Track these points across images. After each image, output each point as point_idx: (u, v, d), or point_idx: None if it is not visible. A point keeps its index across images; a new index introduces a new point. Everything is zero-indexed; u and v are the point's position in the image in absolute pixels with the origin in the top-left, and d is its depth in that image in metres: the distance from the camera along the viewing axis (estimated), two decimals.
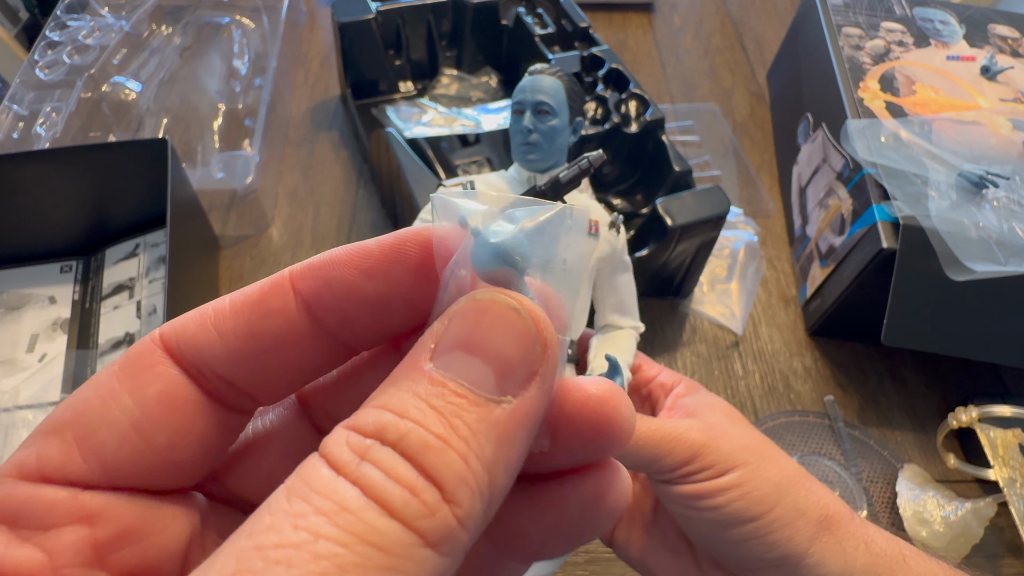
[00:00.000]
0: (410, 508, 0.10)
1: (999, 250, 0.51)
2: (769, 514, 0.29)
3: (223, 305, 0.14)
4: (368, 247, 0.14)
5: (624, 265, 0.38)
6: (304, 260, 0.14)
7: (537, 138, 0.34)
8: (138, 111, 0.75)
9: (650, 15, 0.97)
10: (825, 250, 0.61)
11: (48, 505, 0.12)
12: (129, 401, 0.13)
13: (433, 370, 0.11)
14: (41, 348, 0.56)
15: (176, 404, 0.13)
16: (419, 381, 0.11)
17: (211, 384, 0.14)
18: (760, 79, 0.89)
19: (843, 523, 0.30)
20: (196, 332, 0.14)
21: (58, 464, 0.13)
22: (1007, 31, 0.72)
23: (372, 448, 0.10)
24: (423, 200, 0.54)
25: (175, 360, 0.14)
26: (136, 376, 0.13)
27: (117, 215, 0.61)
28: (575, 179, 0.30)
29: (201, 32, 0.84)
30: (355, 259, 0.14)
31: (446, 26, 0.75)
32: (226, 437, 0.14)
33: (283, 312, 0.14)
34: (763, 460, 0.30)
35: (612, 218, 0.36)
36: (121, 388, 0.13)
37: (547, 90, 0.34)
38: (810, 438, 0.56)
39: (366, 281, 0.13)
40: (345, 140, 0.77)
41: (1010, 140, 0.59)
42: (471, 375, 0.11)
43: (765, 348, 0.62)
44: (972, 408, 0.53)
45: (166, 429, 0.13)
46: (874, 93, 0.63)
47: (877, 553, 0.29)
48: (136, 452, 0.13)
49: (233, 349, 0.13)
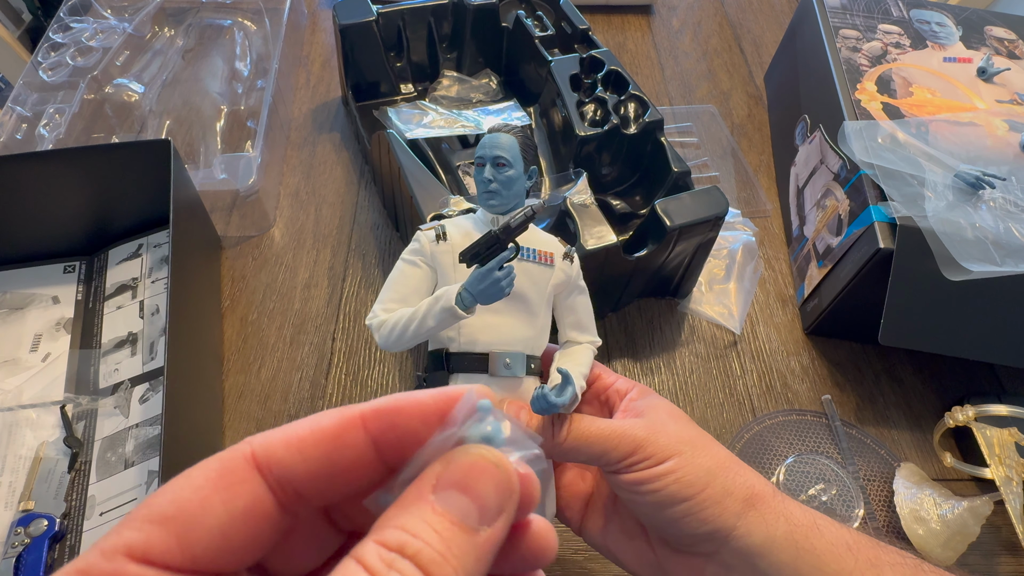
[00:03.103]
0: None
1: (995, 250, 0.51)
2: (700, 495, 0.33)
3: (306, 432, 0.17)
4: (425, 402, 0.17)
5: (580, 288, 0.43)
6: (370, 403, 0.18)
7: (496, 187, 0.40)
8: (141, 112, 0.76)
9: (649, 17, 0.98)
10: (822, 250, 0.61)
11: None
12: (221, 511, 0.16)
13: (435, 501, 0.16)
14: (44, 348, 0.57)
15: (257, 515, 0.17)
16: (425, 510, 0.16)
17: (285, 496, 0.17)
18: (758, 81, 0.89)
19: (766, 500, 0.34)
20: (284, 454, 0.17)
21: (160, 551, 0.16)
22: (1004, 33, 0.72)
23: (396, 560, 0.14)
24: (424, 201, 0.54)
25: (262, 474, 0.17)
26: (229, 488, 0.16)
27: (120, 216, 0.62)
28: (523, 224, 0.35)
29: (203, 34, 0.84)
30: (416, 410, 0.18)
31: (447, 28, 0.76)
32: (280, 533, 0.18)
33: (354, 447, 0.17)
34: (696, 450, 0.35)
35: (566, 249, 0.42)
36: (216, 498, 0.16)
37: (503, 146, 0.40)
38: (807, 437, 0.56)
39: (423, 428, 0.17)
40: (346, 141, 0.77)
41: (1006, 141, 0.60)
42: (461, 509, 0.16)
43: (763, 348, 0.63)
44: (969, 407, 0.53)
45: (245, 535, 0.17)
46: (871, 95, 0.63)
47: (795, 523, 0.33)
48: (219, 551, 0.16)
49: (313, 472, 0.17)
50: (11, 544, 0.46)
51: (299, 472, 0.17)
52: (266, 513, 0.17)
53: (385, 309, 0.40)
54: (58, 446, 0.51)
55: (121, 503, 0.49)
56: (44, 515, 0.47)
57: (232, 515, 0.16)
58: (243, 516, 0.16)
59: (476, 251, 0.36)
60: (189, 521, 0.16)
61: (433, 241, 0.41)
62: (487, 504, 0.16)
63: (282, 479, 0.17)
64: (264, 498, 0.17)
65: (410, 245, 0.42)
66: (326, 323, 0.62)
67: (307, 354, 0.59)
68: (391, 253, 0.67)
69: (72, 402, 0.54)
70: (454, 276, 0.39)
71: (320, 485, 0.17)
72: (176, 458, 0.43)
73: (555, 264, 0.41)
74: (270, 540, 0.17)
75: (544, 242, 0.42)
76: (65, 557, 0.47)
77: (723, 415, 0.58)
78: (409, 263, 0.41)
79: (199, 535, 0.16)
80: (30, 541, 0.46)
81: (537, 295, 0.40)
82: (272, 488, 0.17)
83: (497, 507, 0.16)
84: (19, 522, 0.47)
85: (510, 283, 0.36)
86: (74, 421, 0.53)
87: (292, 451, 0.17)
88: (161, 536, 0.16)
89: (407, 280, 0.41)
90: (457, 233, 0.41)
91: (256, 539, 0.17)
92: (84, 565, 0.15)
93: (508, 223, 0.35)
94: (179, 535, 0.16)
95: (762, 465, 0.54)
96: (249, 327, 0.61)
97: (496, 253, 0.36)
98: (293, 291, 0.64)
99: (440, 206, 0.54)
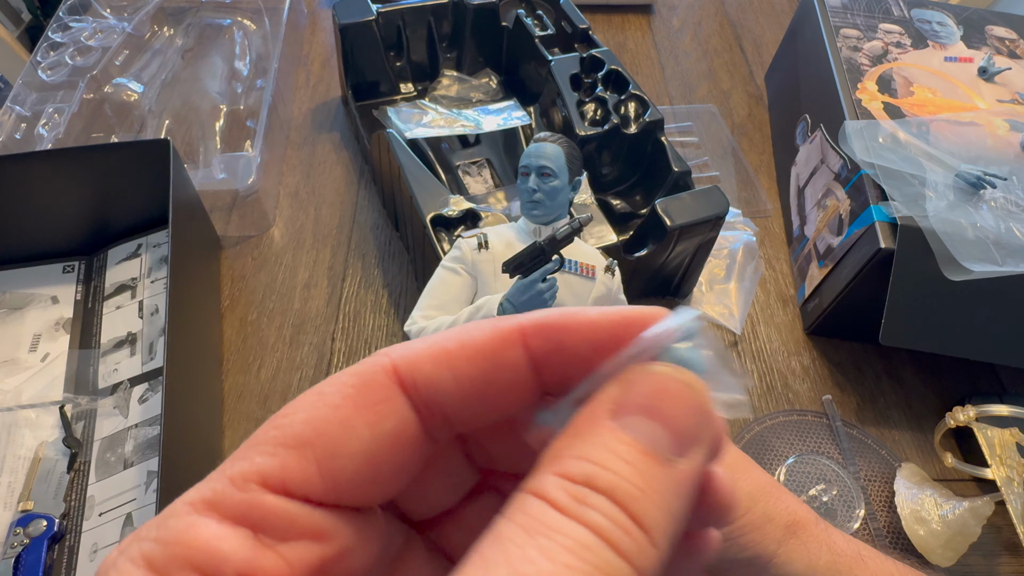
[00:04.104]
0: (632, 548, 0.12)
1: (996, 250, 0.51)
2: (741, 519, 0.32)
3: (454, 346, 0.15)
4: (599, 322, 0.15)
5: (620, 302, 0.44)
6: (531, 315, 0.15)
7: (541, 197, 0.40)
8: (140, 112, 0.75)
9: (649, 17, 0.98)
10: (823, 250, 0.61)
11: (290, 519, 0.13)
12: (367, 434, 0.14)
13: (619, 428, 0.13)
14: (44, 348, 0.57)
15: (405, 442, 0.14)
16: (608, 438, 0.13)
17: (432, 419, 0.15)
18: (758, 80, 0.89)
19: (808, 528, 0.33)
20: (432, 370, 0.14)
21: (299, 480, 0.13)
22: (1005, 32, 0.72)
23: (588, 495, 0.12)
24: (424, 200, 0.54)
25: (406, 392, 0.14)
26: (372, 407, 0.14)
27: (119, 215, 0.62)
28: (568, 237, 0.35)
29: (203, 34, 0.84)
30: (587, 331, 0.15)
31: (446, 28, 0.76)
32: (423, 463, 0.16)
33: (515, 367, 0.15)
34: (737, 472, 0.34)
35: (608, 263, 0.42)
36: (359, 418, 0.14)
37: (549, 155, 0.40)
38: (808, 437, 0.56)
39: (594, 355, 0.15)
40: (346, 141, 0.77)
41: (1007, 141, 0.59)
42: (651, 436, 0.13)
43: (763, 348, 0.63)
44: (970, 407, 0.53)
45: (393, 464, 0.14)
46: (872, 94, 0.63)
47: (838, 553, 0.32)
48: (365, 481, 0.14)
49: (465, 392, 0.14)
50: (10, 544, 0.46)
51: (449, 391, 0.14)
52: (412, 438, 0.14)
53: (424, 316, 0.40)
54: (57, 446, 0.51)
55: (120, 503, 0.48)
56: (43, 515, 0.47)
57: (379, 439, 0.14)
58: (390, 440, 0.14)
59: (520, 262, 0.36)
60: (331, 446, 0.14)
61: (475, 249, 0.41)
62: (682, 431, 0.13)
63: (429, 399, 0.14)
64: (411, 420, 0.14)
65: (451, 252, 0.42)
66: (326, 323, 0.62)
67: (307, 354, 0.59)
68: (391, 253, 0.67)
69: (71, 402, 0.53)
70: (495, 286, 0.39)
71: (470, 408, 0.15)
72: (175, 458, 0.43)
73: (597, 277, 0.41)
74: (415, 470, 0.15)
75: (587, 255, 0.42)
76: (64, 557, 0.46)
77: None
78: (450, 270, 0.41)
79: (343, 463, 0.14)
80: (29, 541, 0.46)
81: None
82: (418, 409, 0.14)
83: (693, 436, 0.13)
84: (18, 522, 0.47)
85: (552, 295, 0.36)
86: (73, 421, 0.52)
87: (441, 367, 0.14)
88: (299, 463, 0.13)
89: (447, 288, 0.40)
90: (499, 242, 0.41)
91: (403, 467, 0.14)
92: (211, 495, 0.13)
93: (554, 236, 0.35)
94: (320, 462, 0.13)
95: (763, 465, 0.54)
96: (248, 327, 0.61)
97: (540, 265, 0.36)
98: (293, 291, 0.64)
99: (440, 206, 0.54)
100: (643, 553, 0.12)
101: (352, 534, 0.14)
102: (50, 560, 0.46)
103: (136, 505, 0.48)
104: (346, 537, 0.14)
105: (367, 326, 0.62)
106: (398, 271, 0.65)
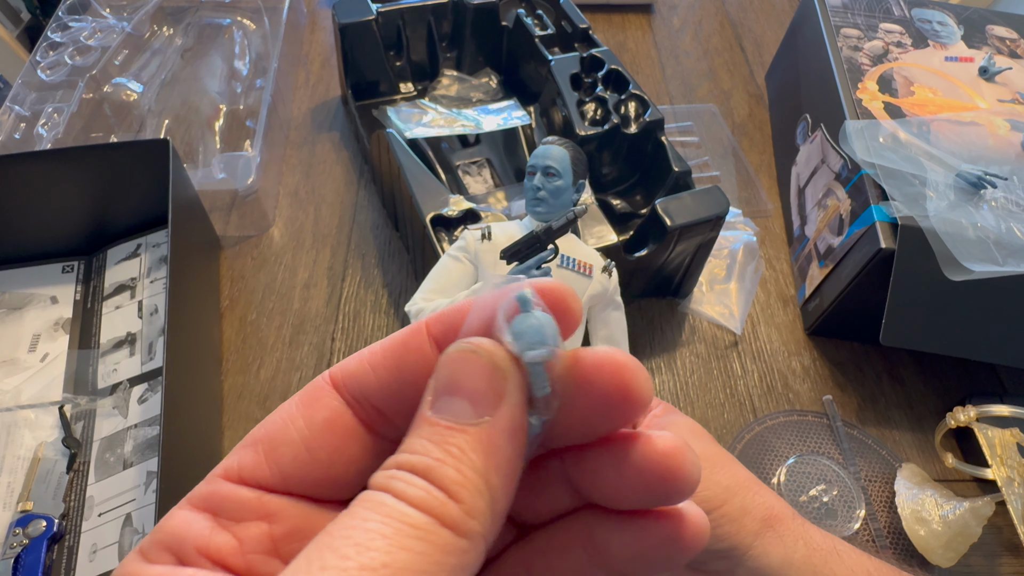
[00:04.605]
0: (427, 502, 0.14)
1: (997, 250, 0.51)
2: (717, 511, 0.33)
3: (377, 347, 0.18)
4: (486, 300, 0.17)
5: (616, 304, 0.44)
6: (439, 311, 0.18)
7: (544, 195, 0.42)
8: (139, 112, 0.75)
9: (649, 16, 0.98)
10: (824, 250, 0.61)
11: (241, 502, 0.16)
12: (303, 424, 0.17)
13: (431, 415, 0.15)
14: (43, 348, 0.57)
15: (337, 428, 0.17)
16: (423, 426, 0.15)
17: (366, 413, 0.17)
18: (759, 80, 0.89)
19: (785, 521, 0.34)
20: (356, 369, 0.17)
21: (251, 470, 0.17)
22: (1005, 32, 0.72)
23: (395, 473, 0.15)
24: (423, 200, 0.54)
25: (339, 393, 0.17)
26: (309, 405, 0.17)
27: (119, 215, 0.62)
28: (564, 227, 0.37)
29: (202, 33, 0.84)
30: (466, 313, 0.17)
31: (446, 27, 0.76)
32: (376, 461, 0.17)
33: (419, 350, 0.17)
34: (715, 467, 0.35)
35: (605, 263, 0.44)
36: (298, 414, 0.17)
37: (554, 156, 0.42)
38: (808, 437, 0.56)
39: (486, 330, 0.17)
40: (346, 141, 0.77)
41: (1008, 141, 0.59)
42: (455, 410, 0.15)
43: (764, 348, 0.63)
44: (970, 408, 0.53)
45: (327, 448, 0.17)
46: (872, 94, 0.63)
47: (814, 547, 0.33)
48: (305, 465, 0.17)
49: (384, 381, 0.17)
50: (9, 545, 0.45)
51: (370, 381, 0.17)
52: (347, 427, 0.17)
53: (425, 298, 0.42)
54: (56, 446, 0.51)
55: (120, 503, 0.48)
56: (42, 516, 0.47)
57: (313, 428, 0.17)
58: (323, 428, 0.17)
59: (517, 249, 0.38)
60: (275, 438, 0.17)
61: (478, 240, 0.43)
62: (479, 395, 0.15)
63: (356, 393, 0.17)
64: (343, 412, 0.17)
65: (456, 243, 0.44)
66: (325, 323, 0.61)
67: (306, 354, 0.59)
68: (391, 253, 0.67)
69: (71, 402, 0.53)
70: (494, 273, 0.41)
71: (394, 396, 0.17)
72: (175, 459, 0.43)
73: (593, 276, 0.43)
74: (364, 466, 0.17)
75: (585, 254, 0.43)
76: (64, 558, 0.46)
77: (724, 415, 0.58)
78: (452, 258, 0.43)
79: (284, 449, 0.17)
80: (28, 542, 0.46)
81: None
82: (349, 403, 0.17)
83: (493, 393, 0.15)
84: (17, 523, 0.46)
85: None
86: (73, 421, 0.52)
87: (364, 364, 0.17)
88: (252, 456, 0.17)
89: (449, 273, 0.42)
90: (502, 235, 0.42)
91: (339, 451, 0.17)
92: (192, 493, 0.17)
93: (550, 225, 0.37)
94: (267, 453, 0.17)
95: (763, 466, 0.54)
96: (248, 327, 0.61)
97: (536, 253, 0.38)
98: (292, 291, 0.64)
99: (440, 206, 0.54)
100: (441, 506, 0.14)
101: (307, 516, 0.17)
102: (49, 560, 0.46)
103: (135, 505, 0.48)
104: (298, 518, 0.17)
105: (367, 326, 0.62)
106: (398, 271, 0.65)
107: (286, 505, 0.17)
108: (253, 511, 0.16)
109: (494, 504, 0.15)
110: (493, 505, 0.15)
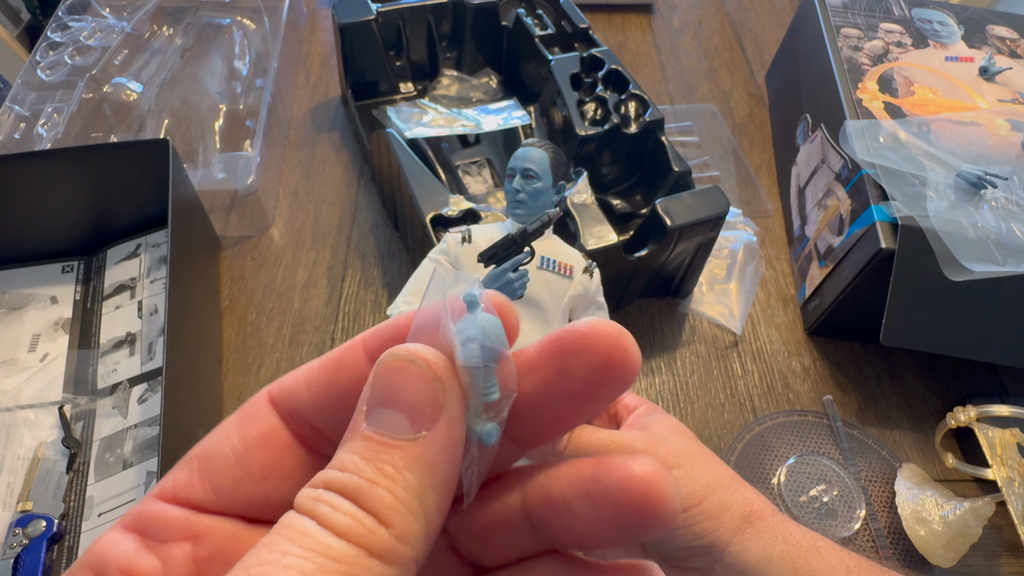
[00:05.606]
0: (354, 530, 0.13)
1: (997, 250, 0.51)
2: (696, 507, 0.33)
3: (314, 363, 0.17)
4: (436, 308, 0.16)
5: (598, 304, 0.45)
6: (376, 327, 0.17)
7: (524, 197, 0.42)
8: (139, 112, 0.75)
9: (649, 16, 0.98)
10: (824, 250, 0.61)
11: (167, 522, 0.16)
12: (236, 440, 0.17)
13: (366, 428, 0.14)
14: (43, 348, 0.57)
15: (270, 443, 0.17)
16: (356, 440, 0.14)
17: (300, 429, 0.17)
18: (759, 80, 0.89)
19: (765, 518, 0.34)
20: (291, 385, 0.17)
21: (184, 488, 0.16)
22: (1005, 32, 0.72)
23: (322, 494, 0.14)
24: (423, 200, 0.54)
25: (276, 409, 0.17)
26: (245, 421, 0.17)
27: (118, 215, 0.62)
28: (539, 229, 0.37)
29: (202, 33, 0.84)
30: (405, 326, 0.17)
31: (446, 27, 0.76)
32: (311, 478, 0.17)
33: (354, 367, 0.16)
34: (695, 464, 0.35)
35: (587, 264, 0.44)
36: (233, 430, 0.17)
37: (533, 159, 0.42)
38: (809, 437, 0.56)
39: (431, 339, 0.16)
40: (346, 141, 0.77)
41: (1008, 141, 0.59)
42: (391, 424, 0.14)
43: (764, 348, 0.63)
44: (970, 408, 0.53)
45: (260, 463, 0.17)
46: (873, 94, 0.63)
47: (793, 544, 0.33)
48: (237, 481, 0.16)
49: (317, 397, 0.17)
50: (9, 545, 0.45)
51: (304, 399, 0.17)
52: (281, 442, 0.17)
53: (406, 302, 0.42)
54: (56, 447, 0.51)
55: (119, 504, 0.48)
56: (42, 516, 0.47)
57: (246, 443, 0.17)
58: (256, 443, 0.17)
59: (493, 252, 0.38)
60: (209, 453, 0.17)
61: (459, 243, 0.43)
62: (416, 408, 0.14)
63: (291, 409, 0.17)
64: (277, 427, 0.17)
65: (437, 245, 0.44)
66: (325, 323, 0.61)
67: (306, 354, 0.59)
68: (390, 253, 0.67)
69: (70, 402, 0.53)
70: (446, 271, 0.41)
71: (328, 412, 0.17)
72: (175, 459, 0.42)
73: (574, 276, 0.43)
74: (291, 472, 0.17)
75: (566, 255, 0.44)
76: (63, 558, 0.46)
77: (724, 415, 0.58)
78: (433, 261, 0.43)
79: (216, 465, 0.16)
80: (28, 542, 0.46)
81: (553, 304, 0.42)
82: (284, 419, 0.17)
83: (431, 406, 0.14)
84: (17, 523, 0.46)
85: (523, 285, 0.38)
86: (72, 421, 0.52)
87: (299, 381, 0.17)
88: (185, 473, 0.17)
89: (428, 276, 0.43)
90: (482, 237, 0.43)
91: (273, 467, 0.17)
92: (126, 514, 0.17)
93: (525, 228, 0.38)
94: (200, 469, 0.17)
95: (763, 466, 0.54)
96: (248, 327, 0.61)
97: (512, 255, 0.38)
98: (292, 291, 0.64)
99: (440, 206, 0.53)
100: (370, 533, 0.13)
101: (236, 536, 0.16)
102: (49, 560, 0.46)
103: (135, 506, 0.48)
104: (226, 539, 0.16)
105: (367, 326, 0.61)
106: (398, 271, 0.65)
107: (215, 525, 0.16)
108: (179, 531, 0.16)
109: (428, 525, 0.14)
110: (427, 526, 0.14)
